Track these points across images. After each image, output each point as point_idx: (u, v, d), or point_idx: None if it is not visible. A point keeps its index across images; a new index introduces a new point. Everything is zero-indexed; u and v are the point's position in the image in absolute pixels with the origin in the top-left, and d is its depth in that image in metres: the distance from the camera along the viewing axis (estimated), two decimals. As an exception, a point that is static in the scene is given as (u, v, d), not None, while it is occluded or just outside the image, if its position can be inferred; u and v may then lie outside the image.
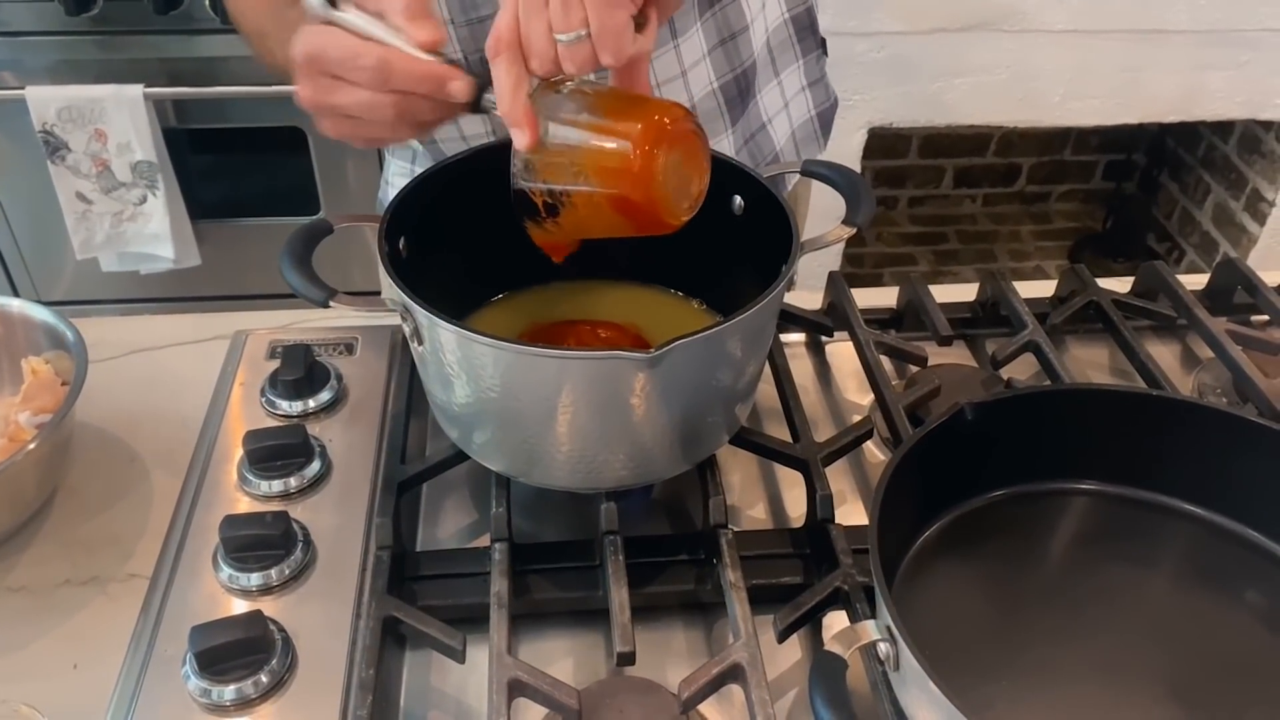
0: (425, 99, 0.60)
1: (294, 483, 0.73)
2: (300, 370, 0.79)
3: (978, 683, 0.57)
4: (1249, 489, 0.65)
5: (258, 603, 0.65)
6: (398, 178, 1.02)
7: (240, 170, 1.91)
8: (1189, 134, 2.48)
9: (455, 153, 0.74)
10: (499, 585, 0.62)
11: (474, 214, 0.70)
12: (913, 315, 0.90)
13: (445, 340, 0.61)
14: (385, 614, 0.61)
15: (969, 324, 0.91)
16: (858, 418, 0.77)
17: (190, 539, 0.70)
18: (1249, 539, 0.66)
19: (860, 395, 0.85)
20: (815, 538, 0.68)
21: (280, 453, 0.73)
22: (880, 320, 0.90)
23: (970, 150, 2.77)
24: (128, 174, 1.72)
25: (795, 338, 0.90)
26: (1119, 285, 0.94)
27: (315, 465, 0.74)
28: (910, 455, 0.60)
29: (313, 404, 0.79)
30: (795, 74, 0.99)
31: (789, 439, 0.74)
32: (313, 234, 0.66)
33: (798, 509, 0.74)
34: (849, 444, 0.74)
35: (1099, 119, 2.11)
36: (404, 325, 0.62)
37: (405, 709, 0.62)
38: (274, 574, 0.66)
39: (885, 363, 0.83)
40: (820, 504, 0.68)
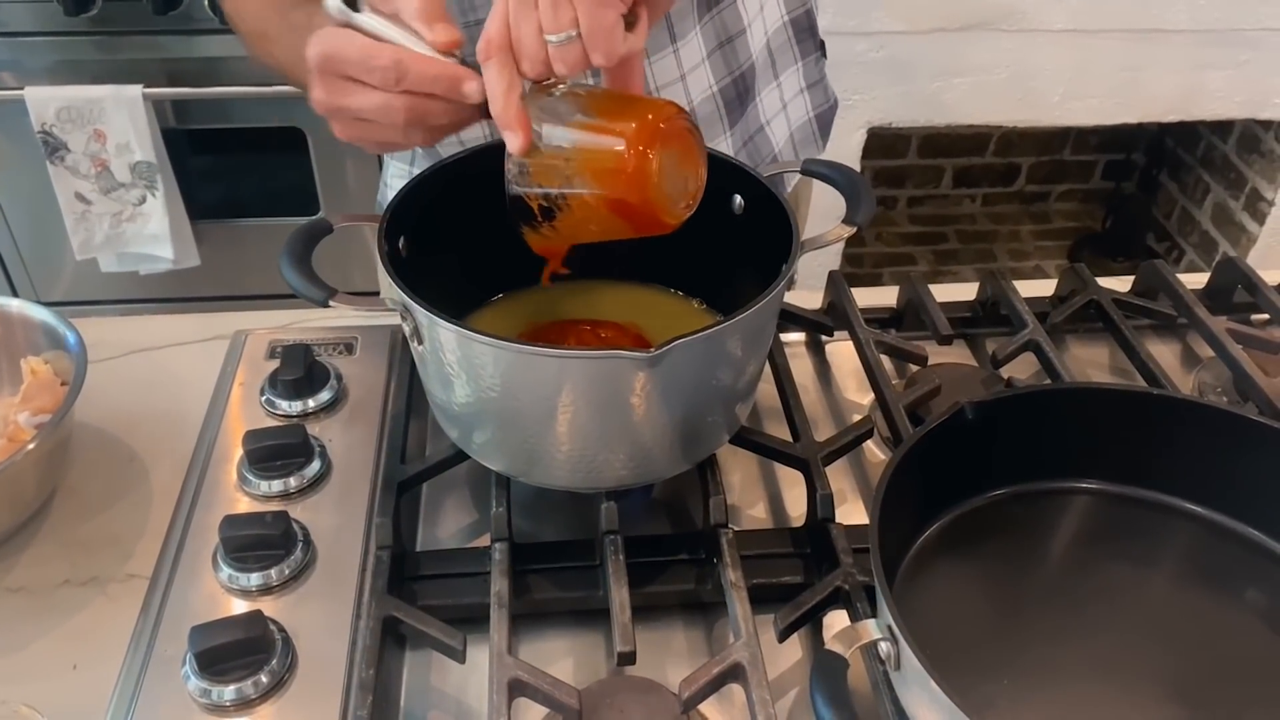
0: (438, 101, 0.60)
1: (294, 483, 0.73)
2: (300, 370, 0.79)
3: (979, 682, 0.57)
4: (1250, 488, 0.65)
5: (258, 603, 0.65)
6: (396, 179, 1.02)
7: (239, 170, 1.91)
8: (1188, 133, 2.49)
9: (454, 153, 0.74)
10: (499, 585, 0.62)
11: (474, 214, 0.70)
12: (913, 315, 0.90)
13: (445, 340, 0.60)
14: (385, 614, 0.61)
15: (969, 323, 0.91)
16: (858, 417, 0.78)
17: (190, 539, 0.69)
18: (1250, 538, 0.65)
19: (860, 395, 0.85)
20: (816, 537, 0.68)
21: (280, 453, 0.73)
22: (880, 320, 0.90)
23: (970, 150, 2.77)
24: (127, 174, 1.72)
25: (795, 337, 0.90)
26: (1119, 284, 0.93)
27: (315, 465, 0.74)
28: (910, 455, 0.60)
29: (312, 404, 0.79)
30: (794, 76, 0.99)
31: (789, 438, 0.74)
32: (312, 234, 0.66)
33: (798, 508, 0.74)
34: (849, 443, 0.74)
35: (1098, 119, 2.11)
36: (404, 325, 0.62)
37: (405, 709, 0.62)
38: (274, 574, 0.66)
39: (885, 362, 0.83)
40: (821, 503, 0.68)
